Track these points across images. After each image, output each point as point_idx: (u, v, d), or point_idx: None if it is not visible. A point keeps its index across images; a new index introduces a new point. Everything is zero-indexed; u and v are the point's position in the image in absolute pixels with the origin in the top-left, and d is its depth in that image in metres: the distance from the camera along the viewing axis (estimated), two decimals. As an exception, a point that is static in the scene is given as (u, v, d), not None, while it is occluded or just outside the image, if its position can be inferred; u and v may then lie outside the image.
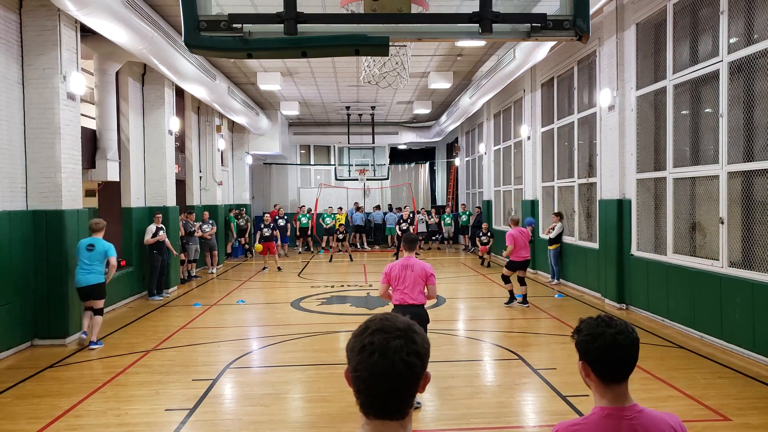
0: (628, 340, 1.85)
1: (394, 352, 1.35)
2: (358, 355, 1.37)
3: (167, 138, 13.27)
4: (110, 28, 8.57)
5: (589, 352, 1.86)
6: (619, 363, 1.85)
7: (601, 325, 1.86)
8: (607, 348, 1.83)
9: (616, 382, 1.87)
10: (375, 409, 1.39)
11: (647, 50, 9.85)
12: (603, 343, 1.84)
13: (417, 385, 1.39)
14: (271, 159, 25.07)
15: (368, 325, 1.42)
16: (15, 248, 8.06)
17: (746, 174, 7.47)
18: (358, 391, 1.39)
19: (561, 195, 13.94)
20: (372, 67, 9.40)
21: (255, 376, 7.08)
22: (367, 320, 1.45)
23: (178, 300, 12.19)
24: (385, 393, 1.36)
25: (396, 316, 1.44)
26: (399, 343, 1.36)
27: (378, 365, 1.34)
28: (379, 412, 1.38)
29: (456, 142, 25.71)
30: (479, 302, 11.81)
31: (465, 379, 6.69)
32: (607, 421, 1.83)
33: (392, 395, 1.36)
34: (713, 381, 6.37)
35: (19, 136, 8.35)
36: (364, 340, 1.38)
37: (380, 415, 1.38)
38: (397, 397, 1.37)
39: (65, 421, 5.47)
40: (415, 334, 1.40)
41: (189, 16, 3.17)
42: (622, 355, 1.85)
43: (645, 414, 1.85)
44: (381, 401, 1.37)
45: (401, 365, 1.34)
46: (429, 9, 4.82)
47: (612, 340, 1.83)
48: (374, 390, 1.36)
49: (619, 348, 1.84)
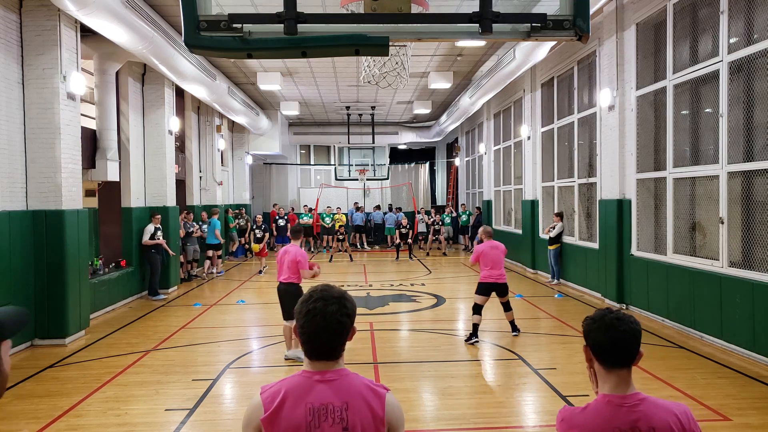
0: (625, 325, 1.92)
1: (331, 314, 1.85)
2: (305, 317, 1.86)
3: (167, 138, 13.27)
4: (110, 28, 8.57)
5: (590, 333, 1.96)
6: (617, 346, 1.91)
7: (604, 312, 1.98)
8: (604, 329, 1.92)
9: (616, 368, 1.92)
10: (317, 354, 1.89)
11: (647, 50, 9.85)
12: (601, 324, 1.94)
13: (347, 336, 1.90)
14: (271, 159, 25.07)
15: (312, 295, 1.90)
16: (15, 248, 8.06)
17: (746, 174, 7.47)
18: (303, 342, 1.89)
19: (561, 195, 13.94)
20: (372, 67, 9.40)
21: (255, 376, 7.07)
22: (310, 290, 1.93)
23: (178, 300, 12.19)
24: (325, 343, 1.87)
25: (332, 287, 1.92)
26: (334, 308, 1.86)
27: (320, 324, 1.85)
28: (320, 355, 1.89)
29: (456, 142, 25.71)
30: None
31: (465, 379, 6.70)
32: (607, 407, 1.88)
33: (329, 344, 1.87)
34: (713, 381, 6.37)
35: (19, 136, 8.35)
36: (309, 305, 1.87)
37: (320, 358, 1.89)
38: (333, 345, 1.88)
39: (65, 421, 5.47)
40: (346, 300, 1.90)
41: (189, 16, 3.17)
42: (618, 337, 1.91)
43: (647, 402, 1.88)
44: (321, 349, 1.88)
45: (336, 324, 1.86)
46: (429, 9, 4.83)
47: (610, 323, 1.93)
48: (317, 341, 1.87)
49: (615, 330, 1.91)
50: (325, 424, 1.81)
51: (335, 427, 1.81)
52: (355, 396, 1.86)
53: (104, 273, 11.07)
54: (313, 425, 1.81)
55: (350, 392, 1.86)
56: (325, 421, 1.81)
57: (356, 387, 1.88)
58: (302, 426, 1.81)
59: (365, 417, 1.84)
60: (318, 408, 1.82)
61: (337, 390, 1.85)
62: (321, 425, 1.81)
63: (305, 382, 1.87)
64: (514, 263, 17.32)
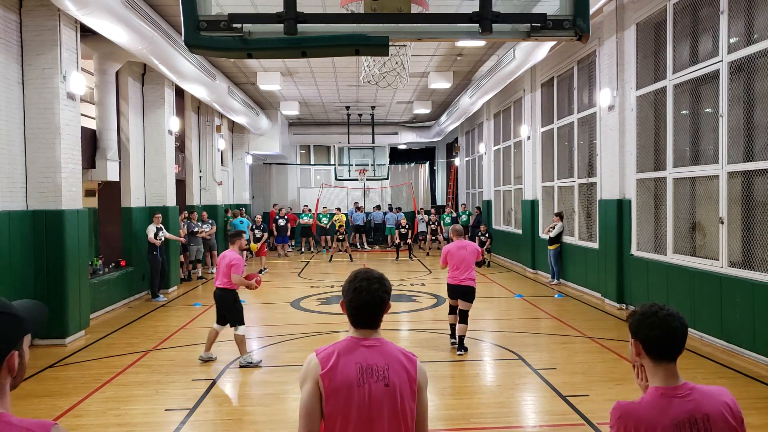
0: (677, 321, 2.01)
1: (375, 291, 2.27)
2: (353, 293, 2.28)
3: (167, 138, 13.27)
4: (110, 28, 8.57)
5: (641, 329, 2.03)
6: (668, 341, 1.99)
7: (654, 308, 2.05)
8: (657, 325, 2.00)
9: (666, 361, 2.01)
10: (362, 323, 2.30)
11: (647, 50, 9.84)
12: (654, 321, 2.01)
13: (385, 309, 2.31)
14: (271, 159, 25.07)
15: (357, 275, 2.33)
16: (15, 248, 8.06)
17: (746, 174, 7.47)
18: (350, 314, 2.30)
19: (561, 195, 13.94)
20: (372, 67, 9.40)
21: (255, 376, 7.07)
22: (355, 272, 2.36)
23: (178, 300, 12.19)
24: (369, 315, 2.28)
25: (372, 270, 2.37)
26: (377, 285, 2.28)
27: (365, 299, 2.26)
28: (364, 324, 2.30)
29: (456, 142, 25.71)
30: (479, 302, 11.76)
31: (465, 379, 6.70)
32: (662, 399, 1.96)
33: (373, 316, 2.29)
34: (713, 381, 6.36)
35: (19, 136, 8.35)
36: (355, 284, 2.29)
37: (365, 326, 2.30)
38: (375, 316, 2.30)
39: (65, 421, 5.46)
40: (384, 280, 2.33)
41: (189, 16, 3.17)
42: (670, 333, 1.99)
43: (697, 390, 1.98)
44: (366, 319, 2.29)
45: (378, 299, 2.27)
46: (429, 9, 4.82)
47: (663, 319, 2.01)
48: (363, 313, 2.28)
49: (668, 327, 1.99)
50: (371, 380, 2.20)
51: (379, 383, 2.20)
52: (393, 360, 2.25)
53: (104, 273, 11.07)
54: (361, 380, 2.19)
55: (390, 356, 2.26)
56: (371, 377, 2.20)
57: (394, 353, 2.28)
58: (354, 380, 2.19)
59: (402, 376, 2.23)
60: (366, 367, 2.21)
61: (379, 353, 2.25)
62: (368, 380, 2.20)
63: (354, 346, 2.26)
64: (514, 263, 17.33)
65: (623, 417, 1.97)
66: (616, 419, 1.99)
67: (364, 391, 2.19)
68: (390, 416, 2.19)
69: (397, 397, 2.21)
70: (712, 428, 1.92)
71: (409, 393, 2.24)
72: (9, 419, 1.45)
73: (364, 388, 2.19)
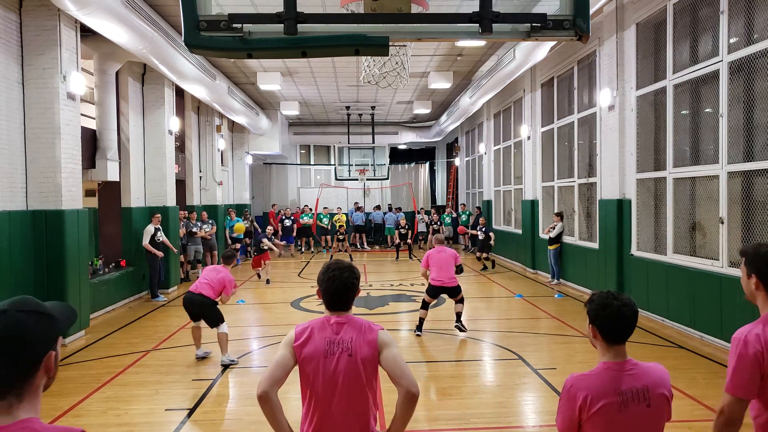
0: (630, 311, 2.34)
1: (346, 278, 2.65)
2: (327, 282, 2.65)
3: (167, 138, 13.27)
4: (110, 28, 8.57)
5: (598, 318, 2.35)
6: (621, 329, 2.33)
7: (609, 298, 2.35)
8: (613, 316, 2.31)
9: (617, 343, 2.35)
10: (335, 306, 2.67)
11: (647, 50, 9.84)
12: (610, 312, 2.32)
13: (356, 293, 2.68)
14: (271, 159, 25.06)
15: (329, 266, 2.70)
16: (15, 248, 8.06)
17: (746, 174, 7.47)
18: (326, 299, 2.67)
19: (561, 195, 13.94)
20: (372, 67, 9.40)
21: (255, 376, 7.07)
22: (327, 263, 2.73)
23: (178, 300, 12.18)
24: (342, 299, 2.66)
25: (342, 260, 2.75)
26: (347, 274, 2.66)
27: (338, 285, 2.64)
28: (337, 307, 2.67)
29: (456, 142, 25.71)
30: (479, 302, 11.80)
31: (465, 379, 6.70)
32: (609, 372, 2.32)
33: (345, 299, 2.67)
34: (713, 381, 6.37)
35: (19, 136, 8.35)
36: (329, 274, 2.66)
37: (337, 309, 2.68)
38: (347, 300, 2.67)
39: (65, 421, 5.47)
40: (354, 269, 2.71)
41: (189, 16, 3.17)
42: (624, 323, 2.33)
43: (639, 366, 2.35)
44: (339, 303, 2.66)
45: (350, 285, 2.65)
46: (429, 9, 4.82)
47: (618, 310, 2.32)
48: (335, 298, 2.66)
49: (622, 317, 2.32)
50: (337, 351, 2.57)
51: (343, 354, 2.56)
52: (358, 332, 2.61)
53: (104, 273, 11.08)
54: (328, 351, 2.57)
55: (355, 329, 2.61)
56: (338, 348, 2.58)
57: (359, 326, 2.63)
58: (321, 352, 2.57)
59: (364, 348, 2.57)
60: (333, 340, 2.59)
61: (346, 328, 2.62)
62: (335, 352, 2.57)
63: (326, 322, 2.64)
64: (514, 263, 17.32)
65: (574, 386, 2.33)
66: (566, 391, 2.35)
67: (330, 361, 2.56)
68: (353, 383, 2.54)
69: (359, 366, 2.55)
70: (650, 398, 2.28)
71: (371, 360, 2.57)
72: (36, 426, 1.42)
73: (330, 359, 2.56)
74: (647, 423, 2.30)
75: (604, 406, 2.25)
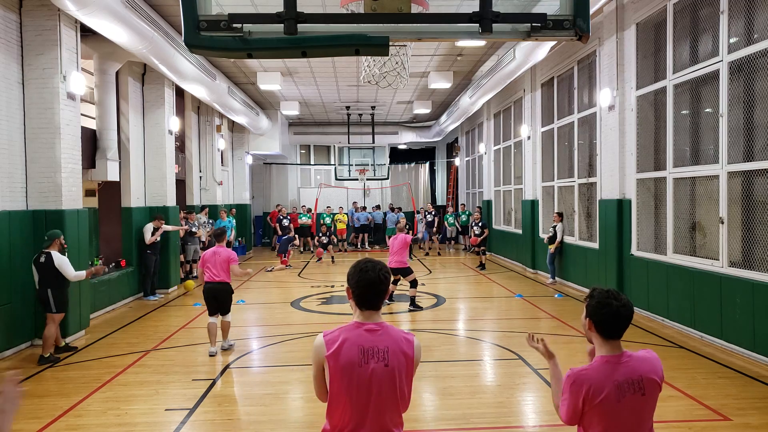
0: (627, 312, 2.50)
1: (378, 270, 2.57)
2: (359, 273, 2.56)
3: (167, 138, 13.27)
4: (110, 28, 8.57)
5: (596, 315, 2.52)
6: (618, 327, 2.51)
7: (609, 298, 2.51)
8: (612, 315, 2.48)
9: (613, 338, 2.53)
10: (367, 303, 2.57)
11: (647, 50, 9.84)
12: (609, 311, 2.48)
13: (387, 290, 2.59)
14: (271, 159, 25.06)
15: (359, 263, 2.63)
16: (15, 248, 8.06)
17: (746, 174, 7.47)
18: (357, 295, 2.57)
19: (561, 195, 13.94)
20: (372, 67, 9.40)
21: (255, 376, 7.08)
22: (357, 261, 2.64)
23: (178, 300, 12.19)
24: (373, 293, 2.56)
25: (372, 258, 2.69)
26: (379, 267, 2.59)
27: (371, 277, 2.55)
28: (369, 305, 2.58)
29: (456, 141, 25.70)
30: (479, 302, 11.81)
31: (465, 379, 6.70)
32: (607, 365, 2.48)
33: (377, 294, 2.57)
34: (713, 381, 6.37)
35: (19, 136, 8.35)
36: (361, 266, 2.59)
37: (369, 307, 2.58)
38: (379, 295, 2.58)
39: (65, 421, 5.47)
40: (384, 265, 2.63)
41: (189, 15, 3.17)
42: (621, 322, 2.50)
43: (633, 357, 2.53)
44: (371, 298, 2.57)
45: (382, 278, 2.56)
46: (429, 9, 4.82)
47: (617, 310, 2.48)
48: (367, 291, 2.56)
49: (620, 317, 2.49)
50: (372, 361, 2.48)
51: (379, 363, 2.48)
52: (393, 342, 2.53)
53: (104, 273, 11.07)
54: (363, 361, 2.47)
55: (390, 339, 2.53)
56: (372, 358, 2.49)
57: (394, 335, 2.56)
58: (356, 361, 2.47)
59: (400, 358, 2.52)
60: (367, 349, 2.50)
61: (380, 336, 2.53)
62: (369, 361, 2.48)
63: (357, 330, 2.53)
64: (514, 263, 17.33)
65: (576, 382, 2.45)
66: (570, 384, 2.46)
67: (364, 371, 2.47)
68: (388, 394, 2.49)
69: (395, 377, 2.50)
70: (645, 386, 2.47)
71: (406, 372, 2.54)
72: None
73: (365, 368, 2.47)
74: (641, 410, 2.47)
75: (605, 397, 2.42)
